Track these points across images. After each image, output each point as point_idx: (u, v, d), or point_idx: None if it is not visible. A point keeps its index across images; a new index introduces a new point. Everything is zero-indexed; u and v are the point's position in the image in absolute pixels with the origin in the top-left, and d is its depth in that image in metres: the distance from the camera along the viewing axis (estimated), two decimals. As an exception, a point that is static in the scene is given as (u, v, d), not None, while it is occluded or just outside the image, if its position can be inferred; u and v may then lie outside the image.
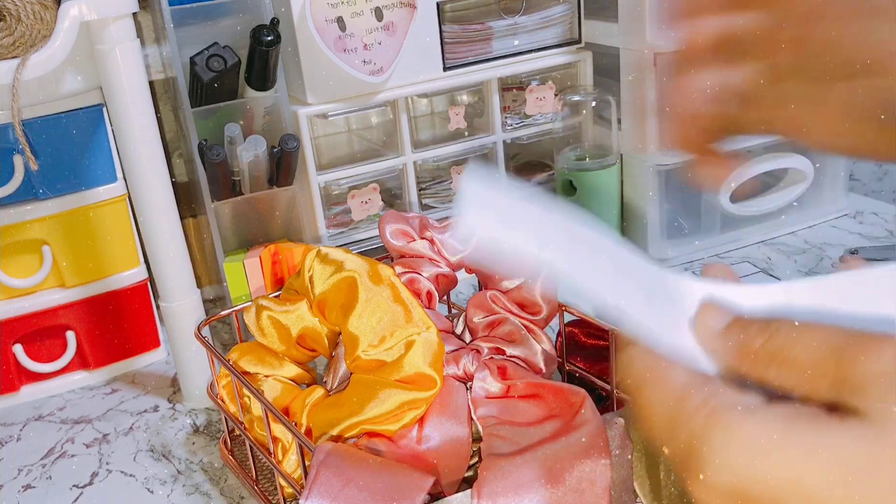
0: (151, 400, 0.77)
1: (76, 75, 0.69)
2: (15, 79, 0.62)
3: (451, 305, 0.73)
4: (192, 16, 0.78)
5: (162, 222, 0.69)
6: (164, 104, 0.91)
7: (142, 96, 0.65)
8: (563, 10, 0.89)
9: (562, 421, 0.51)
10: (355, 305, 0.55)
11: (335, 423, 0.53)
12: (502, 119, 0.90)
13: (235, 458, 0.65)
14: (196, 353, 0.72)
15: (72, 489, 0.66)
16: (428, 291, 0.61)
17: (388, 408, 0.52)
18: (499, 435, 0.51)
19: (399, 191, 0.90)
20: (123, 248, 0.80)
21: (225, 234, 0.82)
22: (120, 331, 0.81)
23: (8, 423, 0.76)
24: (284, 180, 0.81)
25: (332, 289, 0.57)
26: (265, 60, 0.78)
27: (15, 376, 0.78)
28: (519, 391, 0.54)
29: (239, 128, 0.78)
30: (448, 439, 0.53)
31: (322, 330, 0.59)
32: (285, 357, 0.61)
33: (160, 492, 0.64)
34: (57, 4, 0.64)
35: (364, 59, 0.79)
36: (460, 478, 0.52)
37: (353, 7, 0.77)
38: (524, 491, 0.46)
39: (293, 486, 0.53)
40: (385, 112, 0.89)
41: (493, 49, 0.87)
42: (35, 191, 0.75)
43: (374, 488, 0.46)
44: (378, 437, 0.54)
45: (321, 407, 0.55)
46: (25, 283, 0.76)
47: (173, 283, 0.71)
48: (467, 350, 0.57)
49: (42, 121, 0.73)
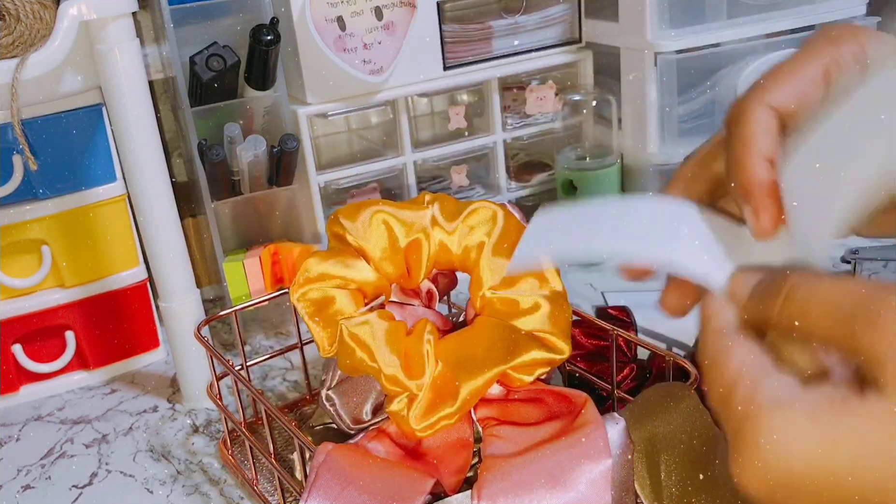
0: (151, 400, 0.77)
1: (75, 75, 0.69)
2: (14, 78, 0.61)
3: (451, 305, 0.73)
4: (192, 15, 0.78)
5: (161, 222, 0.68)
6: (163, 104, 0.91)
7: (141, 96, 0.65)
8: (563, 9, 0.89)
9: (562, 422, 0.51)
10: (492, 238, 0.55)
11: (484, 368, 0.52)
12: (502, 119, 0.90)
13: (235, 458, 0.65)
14: (196, 353, 0.72)
15: (71, 489, 0.66)
16: (428, 291, 0.61)
17: (526, 360, 0.52)
18: (499, 436, 0.51)
19: (399, 191, 0.89)
20: (123, 248, 0.80)
21: (224, 234, 0.82)
22: (119, 331, 0.81)
23: (7, 424, 0.76)
24: (284, 180, 0.81)
25: (473, 214, 0.57)
26: (265, 60, 0.78)
27: (14, 376, 0.78)
28: (520, 395, 0.54)
29: (238, 127, 0.78)
30: (448, 440, 0.53)
31: (429, 251, 0.58)
32: (372, 262, 0.58)
33: (160, 492, 0.64)
34: (56, 4, 0.64)
35: (364, 58, 0.79)
36: (461, 478, 0.52)
37: (353, 6, 0.77)
38: (524, 492, 0.46)
39: (293, 487, 0.53)
40: (385, 112, 0.89)
41: (494, 48, 0.87)
42: (34, 191, 0.75)
43: (374, 490, 0.46)
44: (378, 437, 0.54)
45: (455, 345, 0.54)
46: (25, 283, 0.76)
47: (173, 283, 0.71)
48: (467, 350, 0.57)
49: (41, 120, 0.73)
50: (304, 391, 0.72)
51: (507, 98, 0.92)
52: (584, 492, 0.46)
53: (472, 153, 0.91)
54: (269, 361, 0.78)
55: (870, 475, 0.28)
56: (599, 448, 0.47)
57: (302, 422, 0.69)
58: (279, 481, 0.56)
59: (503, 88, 0.90)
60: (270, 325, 0.87)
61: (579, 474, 0.47)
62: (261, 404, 0.55)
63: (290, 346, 0.69)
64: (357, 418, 0.58)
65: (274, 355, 0.69)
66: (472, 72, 0.87)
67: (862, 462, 0.28)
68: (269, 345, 0.84)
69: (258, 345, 0.84)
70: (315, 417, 0.65)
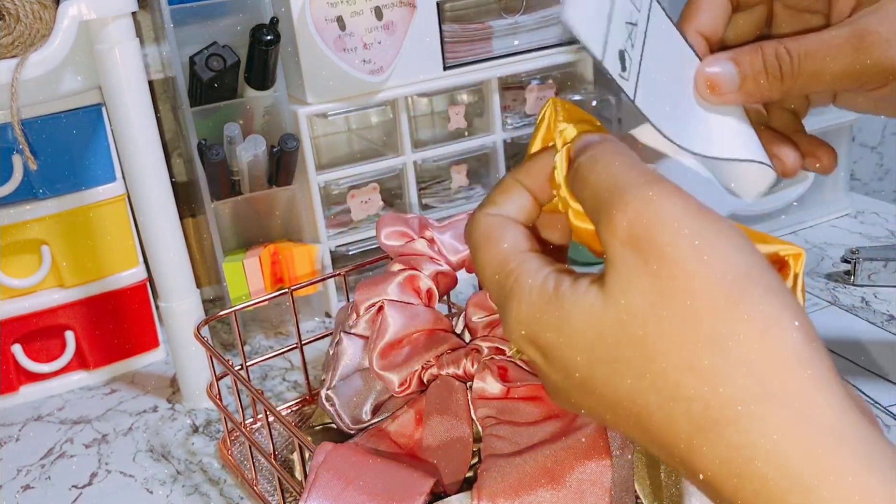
0: (151, 400, 0.77)
1: (75, 75, 0.68)
2: (14, 78, 0.61)
3: (451, 305, 0.73)
4: (192, 15, 0.78)
5: (161, 222, 0.68)
6: (163, 104, 0.91)
7: (141, 96, 0.65)
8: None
9: (562, 421, 0.51)
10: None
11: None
12: (502, 118, 0.90)
13: (235, 458, 0.65)
14: (195, 353, 0.72)
15: (71, 489, 0.66)
16: (428, 290, 0.61)
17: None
18: (498, 435, 0.51)
19: (399, 190, 0.89)
20: (123, 248, 0.79)
21: (224, 234, 0.82)
22: (119, 331, 0.81)
23: (7, 424, 0.76)
24: (284, 180, 0.81)
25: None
26: (265, 60, 0.78)
27: (14, 376, 0.78)
28: (520, 393, 0.54)
29: (238, 127, 0.78)
30: (448, 440, 0.53)
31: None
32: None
33: (159, 492, 0.64)
34: (56, 4, 0.64)
35: (364, 58, 0.79)
36: (461, 479, 0.52)
37: (353, 6, 0.77)
38: (525, 492, 0.46)
39: (293, 487, 0.53)
40: (385, 111, 0.89)
41: (494, 48, 0.87)
42: (34, 190, 0.75)
43: (374, 490, 0.46)
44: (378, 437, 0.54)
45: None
46: (24, 283, 0.76)
47: (173, 283, 0.71)
48: (467, 350, 0.57)
49: (41, 120, 0.73)
50: (304, 391, 0.72)
51: (507, 98, 0.91)
52: (584, 492, 0.46)
53: (472, 153, 0.91)
54: (269, 361, 0.78)
55: (571, 358, 0.31)
56: (599, 448, 0.47)
57: (302, 422, 0.69)
58: (279, 481, 0.56)
59: (503, 88, 0.90)
60: (270, 325, 0.87)
61: (579, 474, 0.47)
62: (261, 404, 0.55)
63: (290, 346, 0.69)
64: (357, 418, 0.58)
65: (274, 355, 0.69)
66: (472, 72, 0.86)
67: (565, 346, 0.31)
68: (269, 345, 0.84)
69: (258, 345, 0.84)
70: (315, 417, 0.65)
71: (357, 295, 0.60)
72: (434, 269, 0.61)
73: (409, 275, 0.60)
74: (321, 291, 0.86)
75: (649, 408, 0.29)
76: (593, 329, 0.30)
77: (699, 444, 0.28)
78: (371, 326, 0.60)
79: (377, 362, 0.57)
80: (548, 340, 0.32)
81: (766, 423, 0.26)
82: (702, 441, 0.28)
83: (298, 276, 0.81)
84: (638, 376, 0.29)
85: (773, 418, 0.26)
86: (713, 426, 0.27)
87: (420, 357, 0.57)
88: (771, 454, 0.26)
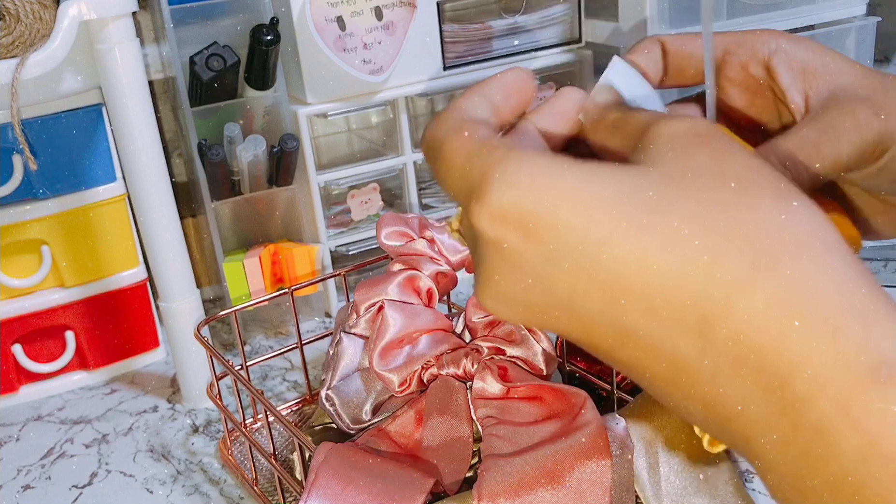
0: (151, 400, 0.77)
1: (75, 75, 0.69)
2: (14, 78, 0.61)
3: (451, 305, 0.73)
4: (192, 15, 0.78)
5: (161, 222, 0.68)
6: (163, 104, 0.91)
7: (141, 96, 0.65)
8: (563, 9, 0.89)
9: (562, 421, 0.51)
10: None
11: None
12: (502, 119, 0.90)
13: (235, 458, 0.65)
14: (195, 353, 0.72)
15: (71, 489, 0.66)
16: (428, 289, 0.61)
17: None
18: (498, 435, 0.51)
19: (399, 190, 0.89)
20: (123, 248, 0.80)
21: (224, 234, 0.82)
22: (119, 331, 0.81)
23: (7, 424, 0.76)
24: (284, 180, 0.81)
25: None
26: (265, 60, 0.78)
27: (14, 376, 0.78)
28: (519, 393, 0.54)
29: (238, 127, 0.78)
30: (448, 440, 0.53)
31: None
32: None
33: (160, 492, 0.64)
34: (56, 4, 0.64)
35: (364, 58, 0.79)
36: (461, 478, 0.52)
37: (353, 6, 0.77)
38: (525, 492, 0.46)
39: (293, 487, 0.53)
40: (385, 111, 0.89)
41: (494, 48, 0.87)
42: (34, 191, 0.75)
43: (374, 490, 0.46)
44: (378, 437, 0.54)
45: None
46: (25, 283, 0.76)
47: (173, 284, 0.71)
48: (467, 350, 0.57)
49: (41, 120, 0.73)
50: (304, 391, 0.72)
51: (507, 98, 0.91)
52: (584, 492, 0.46)
53: (472, 153, 0.91)
54: (269, 361, 0.78)
55: (624, 245, 0.27)
56: (599, 448, 0.47)
57: (302, 422, 0.69)
58: (279, 481, 0.56)
59: (503, 88, 0.90)
60: (270, 325, 0.87)
61: (579, 474, 0.47)
62: (261, 404, 0.55)
63: (290, 346, 0.69)
64: (357, 418, 0.59)
65: (274, 355, 0.69)
66: (472, 72, 0.87)
67: (621, 226, 0.27)
68: (269, 345, 0.84)
69: (258, 345, 0.84)
70: (315, 417, 0.65)
71: (357, 295, 0.60)
72: (434, 269, 0.61)
73: (409, 275, 0.60)
74: (321, 291, 0.86)
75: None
76: (626, 188, 0.27)
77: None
78: (371, 326, 0.60)
79: (377, 362, 0.57)
80: (547, 204, 0.27)
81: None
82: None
83: (298, 276, 0.81)
84: (662, 249, 0.27)
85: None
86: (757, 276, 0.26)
87: (420, 357, 0.57)
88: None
